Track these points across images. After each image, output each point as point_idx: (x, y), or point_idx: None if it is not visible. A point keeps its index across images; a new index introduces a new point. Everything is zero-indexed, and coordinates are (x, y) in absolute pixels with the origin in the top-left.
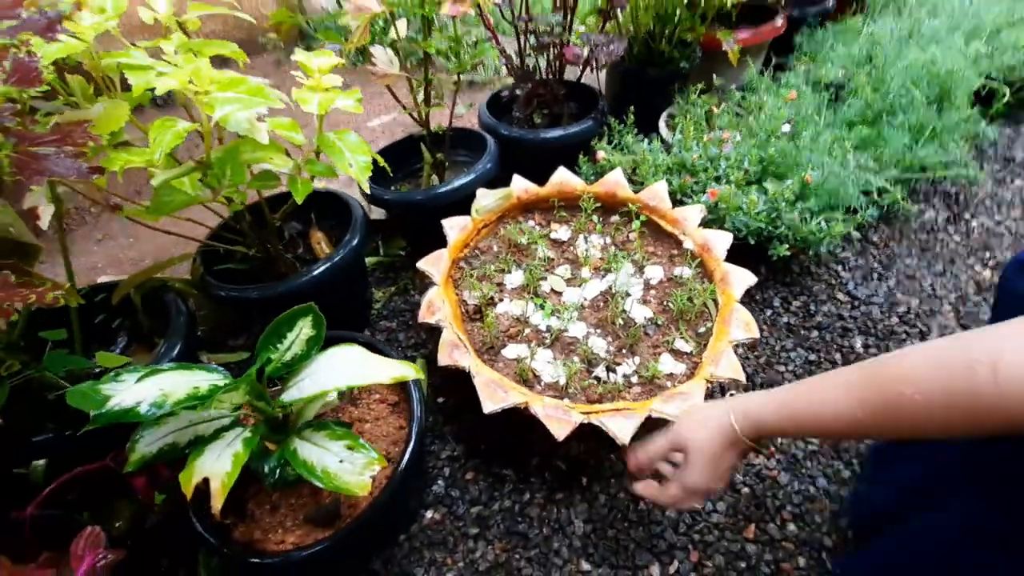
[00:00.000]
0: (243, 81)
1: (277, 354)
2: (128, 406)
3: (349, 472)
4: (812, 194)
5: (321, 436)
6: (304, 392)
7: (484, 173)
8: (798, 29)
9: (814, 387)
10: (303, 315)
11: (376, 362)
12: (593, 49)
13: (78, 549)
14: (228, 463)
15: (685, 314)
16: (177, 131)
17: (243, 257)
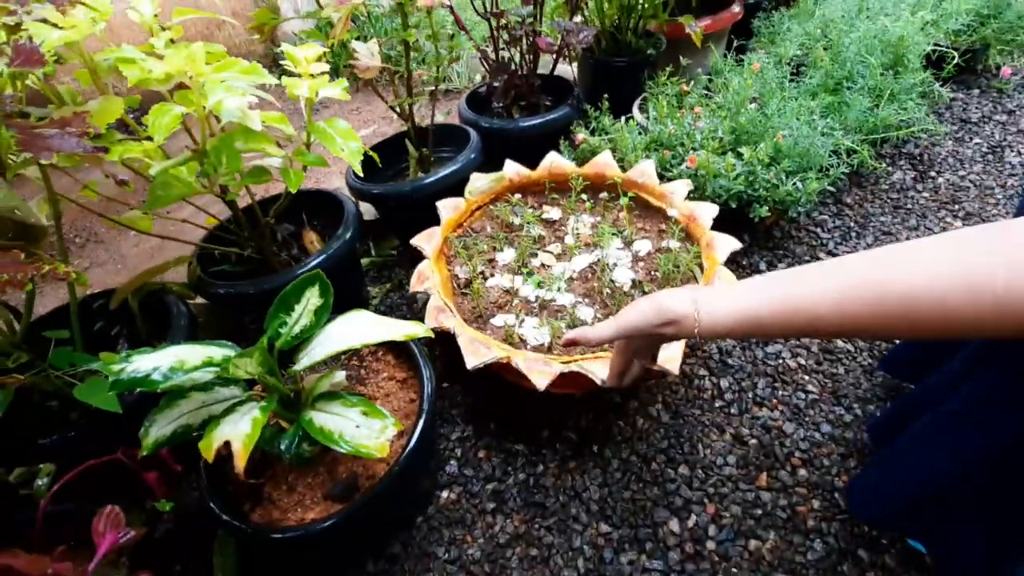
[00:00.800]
0: (236, 62)
1: (286, 328)
2: (145, 372)
3: (367, 436)
4: (785, 156)
5: (336, 405)
6: (315, 358)
7: (469, 163)
8: (754, 15)
9: (795, 297)
10: (310, 284)
11: (387, 323)
12: (565, 35)
13: (99, 526)
14: (248, 425)
15: (671, 279)
16: (174, 114)
17: (238, 259)
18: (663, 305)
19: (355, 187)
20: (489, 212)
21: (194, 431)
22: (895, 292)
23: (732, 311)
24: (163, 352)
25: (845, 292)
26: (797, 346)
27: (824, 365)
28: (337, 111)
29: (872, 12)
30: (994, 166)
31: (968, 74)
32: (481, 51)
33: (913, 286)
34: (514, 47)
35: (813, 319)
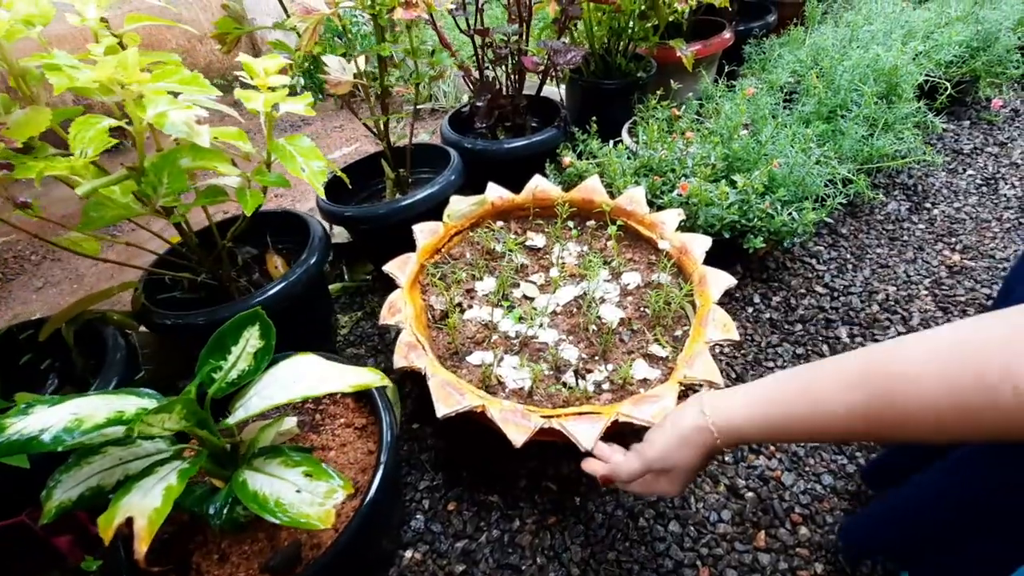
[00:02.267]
0: (177, 70)
1: (221, 373)
2: (31, 434)
3: (309, 503)
4: (780, 185)
5: (275, 464)
6: (251, 410)
7: (448, 185)
8: (746, 41)
9: (800, 393)
10: (249, 323)
11: (335, 369)
12: (551, 55)
13: None
14: (158, 498)
15: (662, 318)
16: (101, 128)
17: (191, 285)
18: (682, 431)
19: (326, 209)
20: (469, 238)
21: (107, 493)
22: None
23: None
24: (61, 407)
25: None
26: None
27: None
28: (319, 128)
29: (863, 42)
30: (989, 198)
31: (959, 105)
32: (464, 69)
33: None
34: (499, 66)
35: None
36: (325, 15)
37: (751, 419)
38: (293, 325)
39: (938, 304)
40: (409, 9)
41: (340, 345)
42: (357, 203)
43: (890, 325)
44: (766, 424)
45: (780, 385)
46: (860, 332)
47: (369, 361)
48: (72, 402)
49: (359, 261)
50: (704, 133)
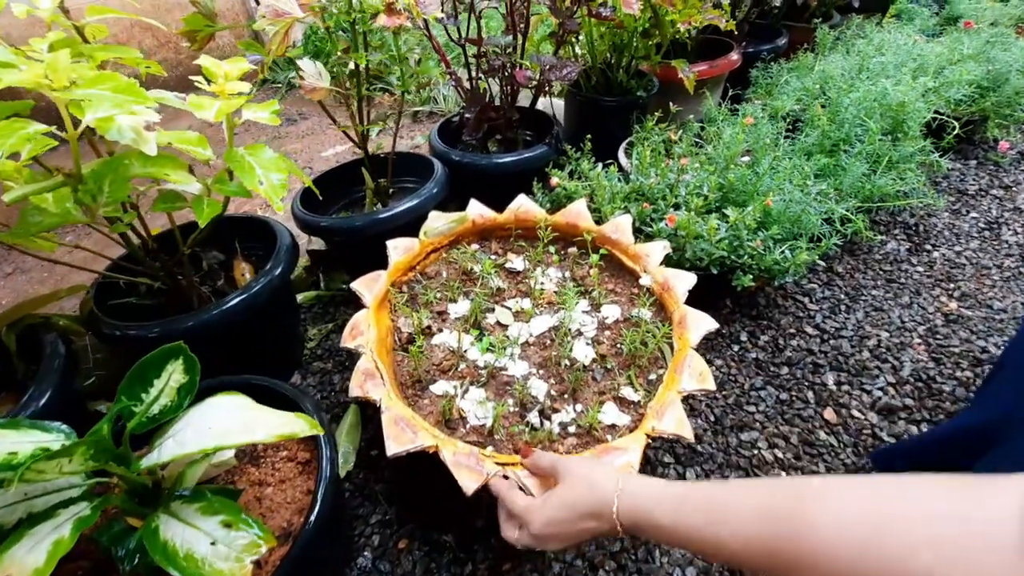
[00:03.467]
0: (113, 77)
1: (141, 407)
2: None
3: (224, 557)
4: (774, 222)
5: (192, 510)
6: (165, 455)
7: (430, 198)
8: (753, 64)
9: (708, 521)
10: (173, 357)
11: (258, 416)
12: (544, 71)
13: None
14: (42, 556)
15: (637, 358)
16: (26, 134)
17: (148, 290)
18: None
19: (301, 218)
20: (446, 257)
21: (6, 532)
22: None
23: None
24: None
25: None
26: (775, 435)
27: (803, 461)
28: (315, 123)
29: (872, 73)
30: (991, 244)
31: (966, 144)
32: (455, 78)
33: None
34: (492, 78)
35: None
36: (296, 19)
37: (657, 524)
38: (255, 338)
39: (931, 354)
40: (392, 16)
41: (307, 359)
42: (338, 209)
43: (879, 374)
44: (671, 534)
45: (692, 500)
46: (847, 380)
47: (335, 378)
48: None
49: (336, 269)
50: (701, 160)
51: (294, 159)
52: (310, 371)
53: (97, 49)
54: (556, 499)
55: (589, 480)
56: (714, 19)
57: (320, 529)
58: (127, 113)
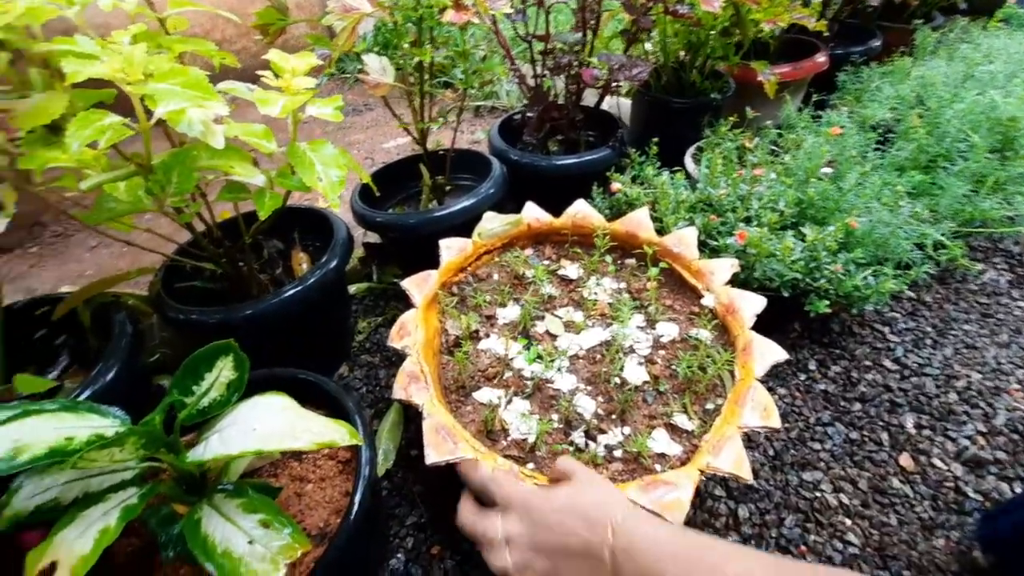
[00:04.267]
0: (184, 72)
1: (192, 398)
2: None
3: (259, 558)
4: (858, 244)
5: (233, 506)
6: (207, 453)
7: (486, 198)
8: (841, 67)
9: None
10: (223, 353)
11: (301, 421)
12: (613, 71)
13: None
14: (89, 543)
15: (694, 383)
16: (102, 125)
17: (211, 275)
18: (582, 548)
19: (358, 211)
20: (499, 260)
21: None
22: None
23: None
24: (4, 429)
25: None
26: (842, 478)
27: (873, 509)
28: (379, 115)
29: (980, 82)
30: None
31: None
32: (519, 75)
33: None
34: (557, 75)
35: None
36: (363, 14)
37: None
38: (308, 328)
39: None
40: (460, 12)
41: (355, 351)
42: (395, 204)
43: (967, 420)
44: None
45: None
46: (930, 424)
47: (381, 373)
48: (20, 423)
49: (389, 263)
50: (778, 170)
51: (356, 150)
52: (357, 363)
53: (175, 41)
54: (560, 494)
55: (604, 489)
56: (802, 19)
57: (355, 533)
58: (197, 106)
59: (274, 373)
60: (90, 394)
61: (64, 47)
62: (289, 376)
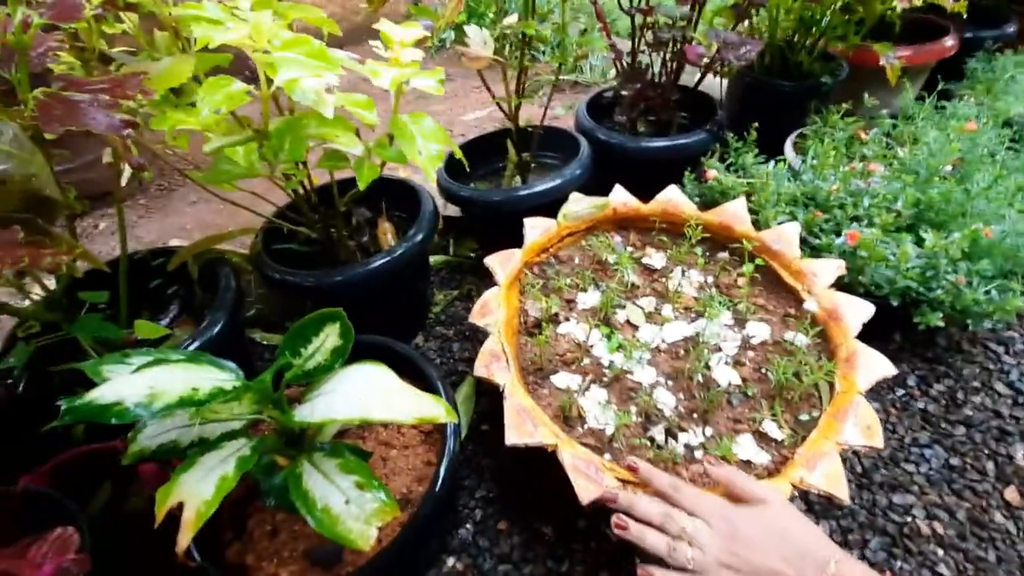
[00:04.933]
0: (306, 41)
1: (300, 360)
2: (107, 402)
3: (354, 518)
4: (984, 254)
5: (332, 465)
6: (315, 415)
7: (572, 179)
8: (972, 53)
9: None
10: (331, 320)
11: (401, 396)
12: (722, 49)
13: (37, 555)
14: (211, 488)
15: (786, 390)
16: (230, 92)
17: (306, 239)
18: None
19: (443, 185)
20: (582, 241)
21: (182, 450)
22: None
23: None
24: (143, 376)
25: None
26: (937, 505)
27: (970, 543)
28: (459, 86)
29: None
30: None
31: None
32: (616, 51)
33: None
34: (656, 51)
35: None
36: None
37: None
38: (391, 297)
39: None
40: None
41: (431, 323)
42: (478, 179)
43: None
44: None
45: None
46: None
47: (455, 346)
48: (154, 372)
49: (465, 236)
50: (894, 167)
51: (436, 121)
52: (432, 334)
53: (289, 8)
54: (765, 517)
55: (813, 528)
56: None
57: (438, 502)
58: (316, 76)
59: (372, 341)
60: (199, 344)
61: (192, 11)
62: (381, 344)
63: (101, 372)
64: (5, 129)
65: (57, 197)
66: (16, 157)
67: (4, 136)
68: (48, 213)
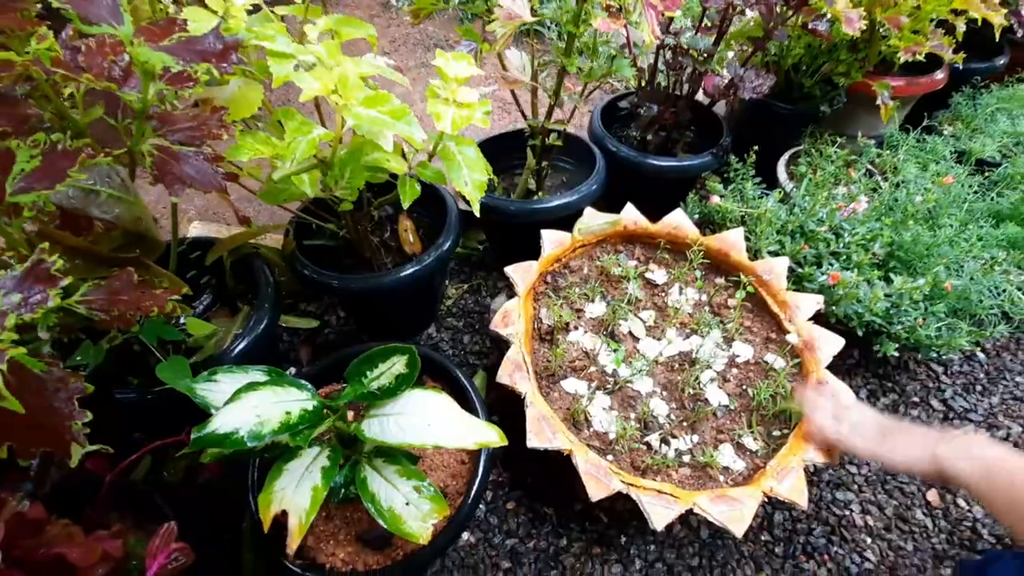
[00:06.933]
0: (387, 99)
1: (366, 380)
2: (226, 432)
3: (414, 517)
4: (942, 297)
5: (391, 471)
6: (387, 435)
7: (588, 195)
8: (959, 87)
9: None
10: (400, 353)
11: (463, 424)
12: (737, 82)
13: (153, 547)
14: (307, 498)
15: (763, 407)
16: (312, 139)
17: (332, 234)
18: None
19: None
20: (592, 253)
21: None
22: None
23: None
24: (245, 404)
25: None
26: (871, 502)
27: (893, 534)
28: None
29: None
30: None
31: None
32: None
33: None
34: (675, 74)
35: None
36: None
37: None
38: (413, 296)
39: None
40: (613, 19)
41: (443, 315)
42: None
43: None
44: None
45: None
46: None
47: (465, 338)
48: (253, 398)
49: (473, 228)
50: (875, 203)
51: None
52: (444, 326)
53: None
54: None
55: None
56: (939, 48)
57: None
58: (383, 127)
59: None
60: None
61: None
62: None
63: (195, 391)
64: (113, 175)
65: (156, 237)
66: (124, 201)
67: (114, 181)
68: (150, 251)
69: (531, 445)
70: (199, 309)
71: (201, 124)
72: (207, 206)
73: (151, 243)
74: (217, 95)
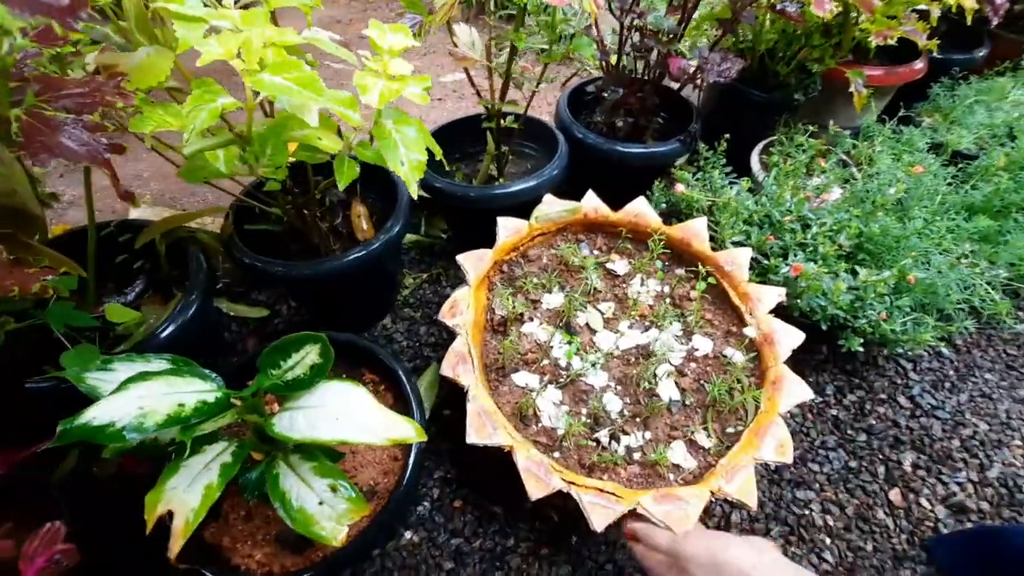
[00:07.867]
0: (297, 66)
1: (278, 371)
2: (101, 424)
3: (327, 517)
4: (907, 291)
5: (307, 468)
6: (294, 430)
7: (549, 180)
8: (939, 77)
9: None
10: (312, 342)
11: (376, 419)
12: (703, 66)
13: (30, 550)
14: (198, 496)
15: (718, 403)
16: (215, 108)
17: (277, 219)
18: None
19: None
20: (551, 242)
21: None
22: None
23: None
24: (130, 393)
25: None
26: (832, 501)
27: (853, 534)
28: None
29: None
30: None
31: None
32: (603, 50)
33: None
34: (640, 57)
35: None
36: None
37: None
38: (363, 284)
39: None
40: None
41: (399, 304)
42: (453, 161)
43: (963, 468)
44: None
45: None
46: (926, 464)
47: (422, 329)
48: (140, 388)
49: (437, 217)
50: (847, 194)
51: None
52: (400, 316)
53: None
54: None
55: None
56: (912, 34)
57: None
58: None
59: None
60: (175, 328)
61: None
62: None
63: (85, 379)
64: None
65: (38, 212)
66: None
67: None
68: (28, 228)
69: (470, 441)
70: (132, 295)
71: (94, 91)
72: (163, 190)
73: (28, 218)
74: (122, 61)
